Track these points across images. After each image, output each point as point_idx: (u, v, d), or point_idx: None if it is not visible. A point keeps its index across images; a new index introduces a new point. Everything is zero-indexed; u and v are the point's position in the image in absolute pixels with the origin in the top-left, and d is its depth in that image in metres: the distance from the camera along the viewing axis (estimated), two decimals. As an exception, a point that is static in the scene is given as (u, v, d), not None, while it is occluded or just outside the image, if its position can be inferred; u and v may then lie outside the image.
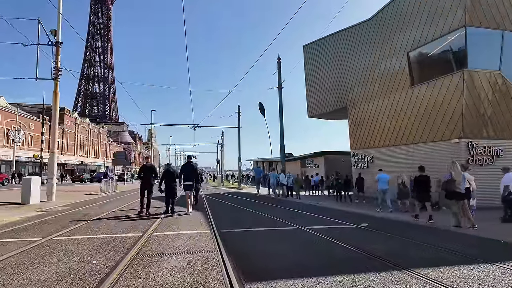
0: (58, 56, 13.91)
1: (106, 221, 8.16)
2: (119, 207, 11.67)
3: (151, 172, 9.78)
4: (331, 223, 8.38)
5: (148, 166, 9.88)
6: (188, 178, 9.63)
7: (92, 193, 18.64)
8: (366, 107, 19.52)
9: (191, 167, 9.85)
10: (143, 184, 9.66)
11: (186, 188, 9.66)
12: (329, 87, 23.26)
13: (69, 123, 61.03)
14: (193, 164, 10.05)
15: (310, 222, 8.45)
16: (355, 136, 20.71)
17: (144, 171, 9.74)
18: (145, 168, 9.81)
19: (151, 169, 9.88)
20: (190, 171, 9.76)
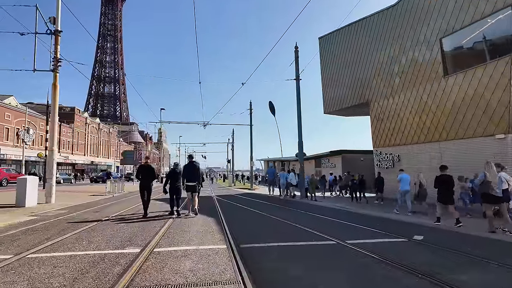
0: (57, 45, 12.81)
1: (102, 229, 6.89)
2: (122, 210, 10.46)
3: (149, 173, 9.26)
4: (372, 234, 6.90)
5: (145, 167, 9.35)
6: (191, 179, 9.15)
7: (97, 194, 17.56)
8: (391, 101, 17.88)
9: (194, 167, 9.34)
10: (141, 186, 9.20)
11: (189, 189, 9.26)
12: (348, 81, 21.66)
13: (79, 122, 60.89)
14: (196, 164, 9.53)
15: (345, 232, 7.00)
16: (378, 133, 19.08)
17: (142, 172, 9.24)
18: (142, 169, 9.33)
19: (149, 169, 9.33)
20: (194, 172, 9.24)
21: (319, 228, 7.22)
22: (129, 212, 10.11)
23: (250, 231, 7.00)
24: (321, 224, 8.30)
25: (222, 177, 66.06)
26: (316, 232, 6.71)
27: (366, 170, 26.27)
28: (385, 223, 8.91)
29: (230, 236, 6.05)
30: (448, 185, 8.15)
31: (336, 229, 7.46)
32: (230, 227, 7.16)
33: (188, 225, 7.51)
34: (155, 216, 9.24)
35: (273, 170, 21.81)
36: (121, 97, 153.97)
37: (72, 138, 58.31)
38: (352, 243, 5.57)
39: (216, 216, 9.27)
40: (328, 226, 8.02)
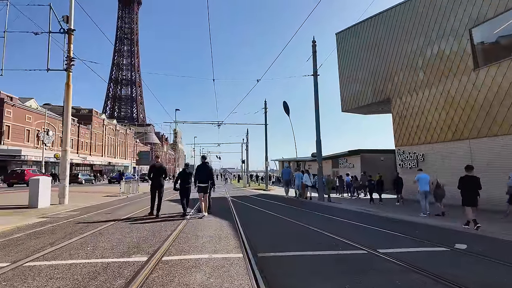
0: (70, 44, 12.64)
1: (110, 232, 6.47)
2: (134, 212, 10.10)
3: (161, 173, 9.27)
4: (403, 241, 6.18)
5: (157, 166, 9.34)
6: (203, 180, 9.09)
7: (112, 194, 17.41)
8: (414, 97, 16.87)
9: (206, 168, 9.30)
10: (152, 185, 9.21)
11: (200, 190, 9.18)
12: (367, 78, 20.72)
13: (97, 124, 62.04)
14: (208, 165, 9.51)
15: (374, 239, 6.31)
16: (401, 132, 18.08)
17: (154, 172, 9.22)
18: (154, 169, 9.29)
19: (161, 169, 9.35)
20: (206, 173, 9.19)
21: (344, 233, 6.55)
22: (141, 214, 9.72)
23: (268, 237, 6.40)
24: (345, 229, 7.63)
25: (236, 177, 65.76)
26: (341, 238, 6.04)
27: (387, 170, 25.29)
28: (413, 227, 8.17)
29: (246, 243, 5.48)
30: (475, 186, 7.76)
31: (362, 235, 6.76)
32: (246, 232, 6.59)
33: (201, 229, 7.00)
34: (167, 217, 8.86)
35: (288, 170, 21.11)
36: (137, 99, 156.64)
37: (90, 140, 59.42)
38: (386, 252, 4.88)
39: (230, 218, 8.73)
40: (353, 231, 7.33)
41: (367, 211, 11.51)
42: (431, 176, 11.35)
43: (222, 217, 8.95)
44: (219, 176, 75.24)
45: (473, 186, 7.77)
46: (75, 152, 53.37)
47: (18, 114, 40.03)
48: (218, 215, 9.23)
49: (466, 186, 7.83)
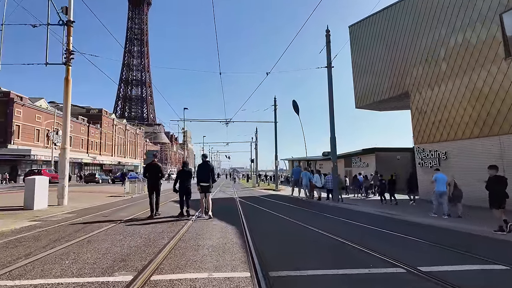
0: (69, 37, 11.98)
1: (100, 240, 5.68)
2: (135, 214, 9.36)
3: (157, 172, 8.93)
4: (443, 254, 5.18)
5: (153, 165, 9.02)
6: (205, 179, 8.71)
7: (116, 195, 16.78)
8: (436, 90, 15.65)
9: (208, 167, 8.87)
10: (149, 185, 9.06)
11: (202, 190, 8.82)
12: (383, 72, 19.56)
13: (107, 124, 62.16)
14: (210, 164, 9.07)
15: (408, 251, 5.33)
16: (421, 128, 16.87)
17: (149, 171, 8.96)
18: (150, 168, 9.02)
19: (157, 168, 8.99)
20: (207, 172, 8.77)
21: (369, 243, 5.58)
22: (142, 216, 8.97)
23: (281, 248, 5.48)
24: (369, 237, 6.64)
25: (245, 177, 64.89)
26: (369, 250, 5.07)
27: (403, 169, 24.04)
28: (444, 234, 7.22)
29: (255, 256, 4.57)
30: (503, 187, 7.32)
31: (391, 246, 5.76)
32: (254, 241, 5.69)
33: (204, 236, 6.13)
34: (168, 220, 8.11)
35: (298, 170, 20.04)
36: (148, 99, 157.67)
37: (99, 139, 59.54)
38: (430, 271, 3.89)
39: (237, 223, 7.85)
40: (379, 240, 6.33)
41: (388, 214, 10.45)
42: (448, 176, 10.81)
43: (228, 221, 8.07)
44: (227, 175, 74.68)
45: (501, 186, 7.32)
46: (84, 151, 53.53)
47: (28, 113, 40.17)
48: (224, 219, 8.36)
49: (494, 187, 7.36)
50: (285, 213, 10.08)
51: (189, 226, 7.32)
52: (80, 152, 52.13)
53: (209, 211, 8.78)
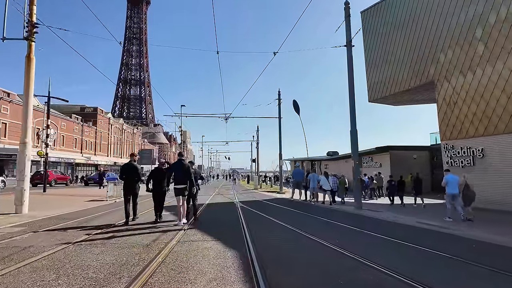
0: (33, 6, 9.76)
1: (32, 270, 3.47)
2: (105, 224, 7.13)
3: (133, 173, 8.07)
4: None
5: (129, 166, 8.13)
6: (180, 181, 7.78)
7: (99, 198, 14.54)
8: (470, 77, 13.44)
9: (182, 166, 7.88)
10: (124, 188, 8.04)
11: (177, 193, 7.78)
12: (402, 60, 17.38)
13: (102, 123, 59.95)
14: (185, 163, 8.05)
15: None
16: (449, 122, 14.64)
17: (125, 172, 8.06)
18: (125, 169, 8.15)
19: (133, 169, 8.11)
20: (182, 172, 7.79)
21: (413, 271, 3.36)
22: (111, 229, 6.75)
23: (302, 280, 3.24)
24: (406, 256, 4.44)
25: (246, 178, 62.57)
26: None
27: (420, 169, 21.81)
28: (486, 249, 4.96)
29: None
30: None
31: (439, 273, 3.57)
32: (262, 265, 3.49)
33: (192, 263, 4.02)
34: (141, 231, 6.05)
35: (300, 171, 17.92)
36: (146, 99, 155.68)
37: (94, 139, 57.38)
38: None
39: (239, 241, 5.65)
40: (424, 264, 4.14)
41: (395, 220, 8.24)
42: (460, 176, 10.24)
43: (226, 240, 5.83)
44: (227, 176, 72.40)
45: None
46: (78, 151, 51.33)
47: (16, 111, 37.93)
48: (221, 236, 6.13)
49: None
50: (301, 224, 7.82)
51: (171, 249, 5.09)
52: (73, 152, 49.95)
53: (184, 217, 7.79)
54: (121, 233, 6.39)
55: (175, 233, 6.45)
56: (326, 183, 14.50)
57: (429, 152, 22.87)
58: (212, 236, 6.13)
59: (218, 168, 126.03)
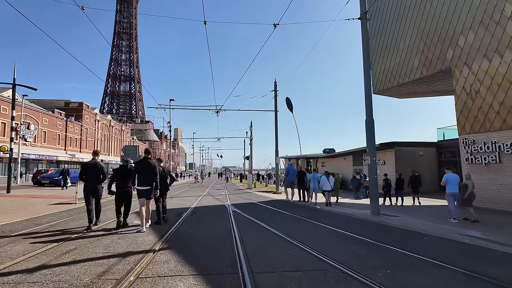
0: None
1: None
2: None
3: (96, 172, 7.22)
4: None
5: (90, 164, 7.30)
6: (144, 181, 6.89)
7: (66, 201, 12.44)
8: (496, 62, 11.74)
9: (148, 165, 6.98)
10: (85, 189, 7.26)
11: (140, 195, 6.93)
12: (412, 47, 15.70)
13: (88, 119, 57.18)
14: (151, 162, 7.14)
15: None
16: (470, 113, 12.95)
17: (87, 171, 7.22)
18: (87, 167, 7.31)
19: (96, 168, 7.26)
20: (147, 172, 6.91)
21: None
22: (63, 247, 4.76)
23: None
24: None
25: (238, 176, 60.45)
26: None
27: (426, 167, 20.26)
28: None
29: None
30: None
31: None
32: None
33: None
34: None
35: (293, 169, 16.44)
36: (136, 96, 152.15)
37: (80, 135, 54.67)
38: None
39: (233, 278, 3.71)
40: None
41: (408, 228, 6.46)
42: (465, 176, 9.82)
43: (213, 270, 3.89)
44: (219, 175, 70.27)
45: None
46: (61, 148, 48.65)
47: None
48: (206, 262, 4.20)
49: None
50: (324, 246, 5.86)
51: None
52: (56, 148, 47.27)
53: (147, 223, 7.05)
54: (61, 259, 4.41)
55: (139, 257, 4.50)
56: (327, 183, 13.17)
57: (436, 149, 21.28)
58: (192, 266, 4.19)
59: (210, 166, 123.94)
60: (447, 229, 7.36)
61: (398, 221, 8.67)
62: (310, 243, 5.66)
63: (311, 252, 5.03)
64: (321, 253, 4.93)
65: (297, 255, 4.93)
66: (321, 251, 5.05)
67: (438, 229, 7.35)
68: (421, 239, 6.39)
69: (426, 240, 6.35)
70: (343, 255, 4.86)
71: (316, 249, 5.15)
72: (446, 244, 6.00)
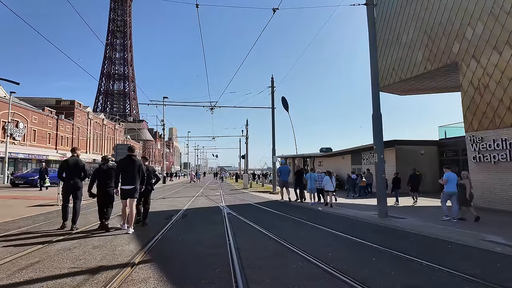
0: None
1: None
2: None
3: (76, 170, 6.73)
4: None
5: (70, 162, 6.72)
6: (128, 180, 6.35)
7: (50, 203, 11.52)
8: (507, 54, 11.08)
9: (132, 164, 6.43)
10: (64, 188, 6.76)
11: (124, 195, 6.44)
12: (415, 40, 15.07)
13: (80, 117, 55.86)
14: (136, 160, 6.55)
15: None
16: (478, 108, 12.29)
17: (66, 169, 6.70)
18: (66, 165, 6.76)
19: (75, 166, 6.71)
20: (131, 170, 6.38)
21: None
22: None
23: None
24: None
25: (233, 176, 59.49)
26: None
27: (427, 166, 19.62)
28: None
29: None
30: None
31: None
32: None
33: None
34: None
35: (287, 168, 15.99)
36: (130, 95, 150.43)
37: (71, 134, 53.35)
38: None
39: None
40: None
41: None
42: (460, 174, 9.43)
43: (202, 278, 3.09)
44: (214, 175, 69.32)
45: None
46: (52, 147, 47.38)
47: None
48: (192, 274, 3.41)
49: None
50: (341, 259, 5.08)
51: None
52: (47, 148, 45.99)
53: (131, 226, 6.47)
54: (13, 278, 3.57)
55: (112, 274, 3.68)
56: (330, 182, 12.47)
57: (437, 147, 20.68)
58: (175, 286, 3.38)
59: (206, 165, 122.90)
60: (466, 234, 6.62)
61: (408, 224, 7.92)
62: (317, 253, 4.88)
63: (321, 265, 4.25)
64: (333, 267, 4.14)
65: (304, 269, 4.14)
66: (332, 264, 4.26)
67: (456, 234, 6.60)
68: (445, 248, 5.60)
69: (452, 249, 5.56)
70: (361, 270, 4.08)
71: (326, 262, 4.36)
72: (479, 255, 5.20)
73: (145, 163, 7.36)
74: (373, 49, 8.96)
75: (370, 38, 8.98)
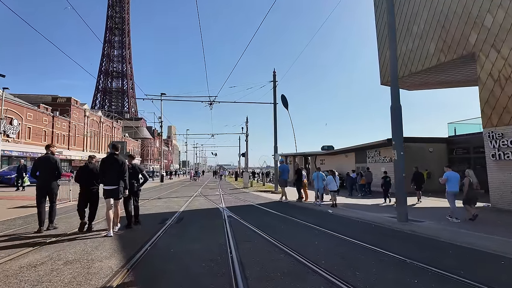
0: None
1: None
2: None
3: (51, 168, 6.39)
4: None
5: (43, 159, 6.41)
6: (111, 180, 6.05)
7: (31, 204, 10.58)
8: (532, 43, 10.18)
9: (115, 162, 6.07)
10: (38, 188, 6.40)
11: (107, 195, 6.09)
12: (427, 31, 14.15)
13: (77, 115, 54.84)
14: (119, 158, 6.15)
15: None
16: (498, 103, 11.39)
17: (40, 168, 6.40)
18: (39, 163, 6.44)
19: (48, 163, 6.36)
20: (114, 169, 6.02)
21: None
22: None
23: None
24: None
25: (233, 175, 58.59)
26: None
27: (436, 164, 18.77)
28: None
29: None
30: None
31: None
32: None
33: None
34: None
35: (286, 167, 15.72)
36: (129, 92, 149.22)
37: (68, 132, 52.36)
38: None
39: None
40: None
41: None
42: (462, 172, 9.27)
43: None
44: (214, 173, 68.49)
45: None
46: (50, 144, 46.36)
47: None
48: None
49: None
50: (367, 279, 4.21)
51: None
52: (42, 145, 44.86)
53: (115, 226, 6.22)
54: None
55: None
56: (333, 182, 11.92)
57: (447, 145, 19.82)
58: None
59: (205, 164, 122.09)
60: (506, 243, 5.73)
61: (434, 230, 6.99)
62: (338, 270, 3.97)
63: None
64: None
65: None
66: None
67: (495, 242, 5.69)
68: (498, 264, 4.61)
69: (507, 265, 4.57)
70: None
71: (353, 284, 3.45)
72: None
73: (132, 162, 6.98)
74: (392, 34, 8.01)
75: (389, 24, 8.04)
